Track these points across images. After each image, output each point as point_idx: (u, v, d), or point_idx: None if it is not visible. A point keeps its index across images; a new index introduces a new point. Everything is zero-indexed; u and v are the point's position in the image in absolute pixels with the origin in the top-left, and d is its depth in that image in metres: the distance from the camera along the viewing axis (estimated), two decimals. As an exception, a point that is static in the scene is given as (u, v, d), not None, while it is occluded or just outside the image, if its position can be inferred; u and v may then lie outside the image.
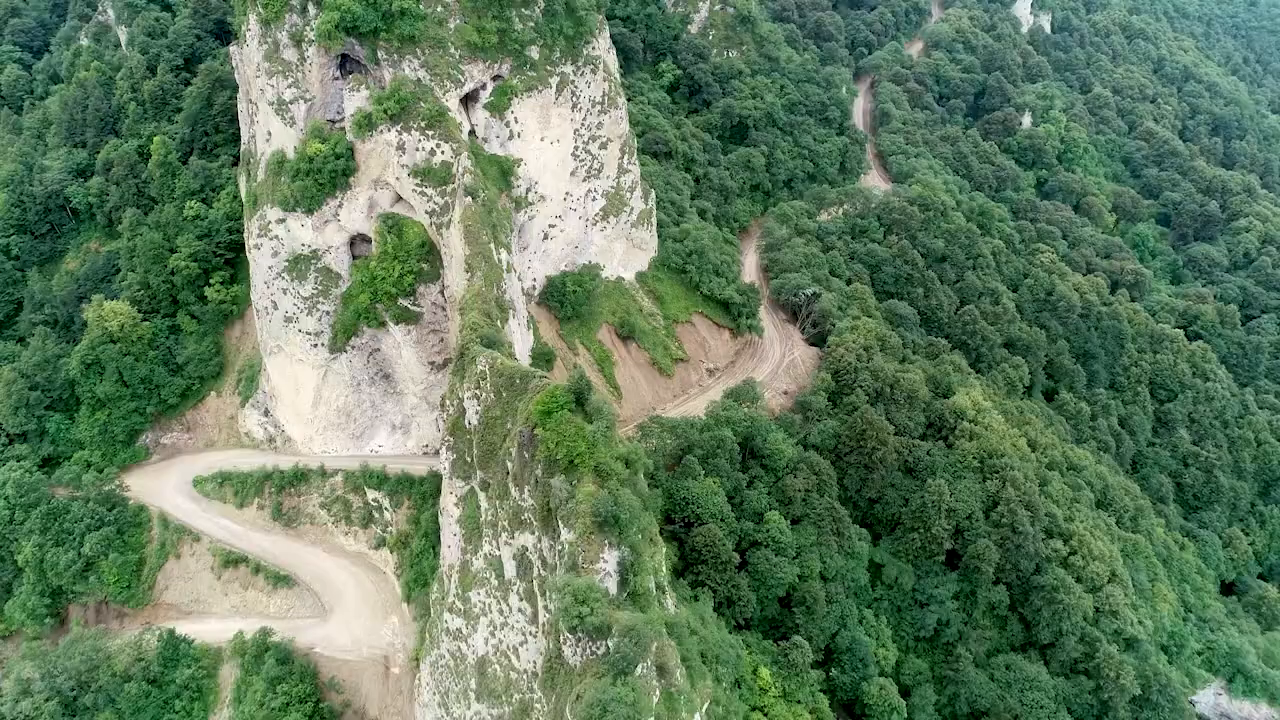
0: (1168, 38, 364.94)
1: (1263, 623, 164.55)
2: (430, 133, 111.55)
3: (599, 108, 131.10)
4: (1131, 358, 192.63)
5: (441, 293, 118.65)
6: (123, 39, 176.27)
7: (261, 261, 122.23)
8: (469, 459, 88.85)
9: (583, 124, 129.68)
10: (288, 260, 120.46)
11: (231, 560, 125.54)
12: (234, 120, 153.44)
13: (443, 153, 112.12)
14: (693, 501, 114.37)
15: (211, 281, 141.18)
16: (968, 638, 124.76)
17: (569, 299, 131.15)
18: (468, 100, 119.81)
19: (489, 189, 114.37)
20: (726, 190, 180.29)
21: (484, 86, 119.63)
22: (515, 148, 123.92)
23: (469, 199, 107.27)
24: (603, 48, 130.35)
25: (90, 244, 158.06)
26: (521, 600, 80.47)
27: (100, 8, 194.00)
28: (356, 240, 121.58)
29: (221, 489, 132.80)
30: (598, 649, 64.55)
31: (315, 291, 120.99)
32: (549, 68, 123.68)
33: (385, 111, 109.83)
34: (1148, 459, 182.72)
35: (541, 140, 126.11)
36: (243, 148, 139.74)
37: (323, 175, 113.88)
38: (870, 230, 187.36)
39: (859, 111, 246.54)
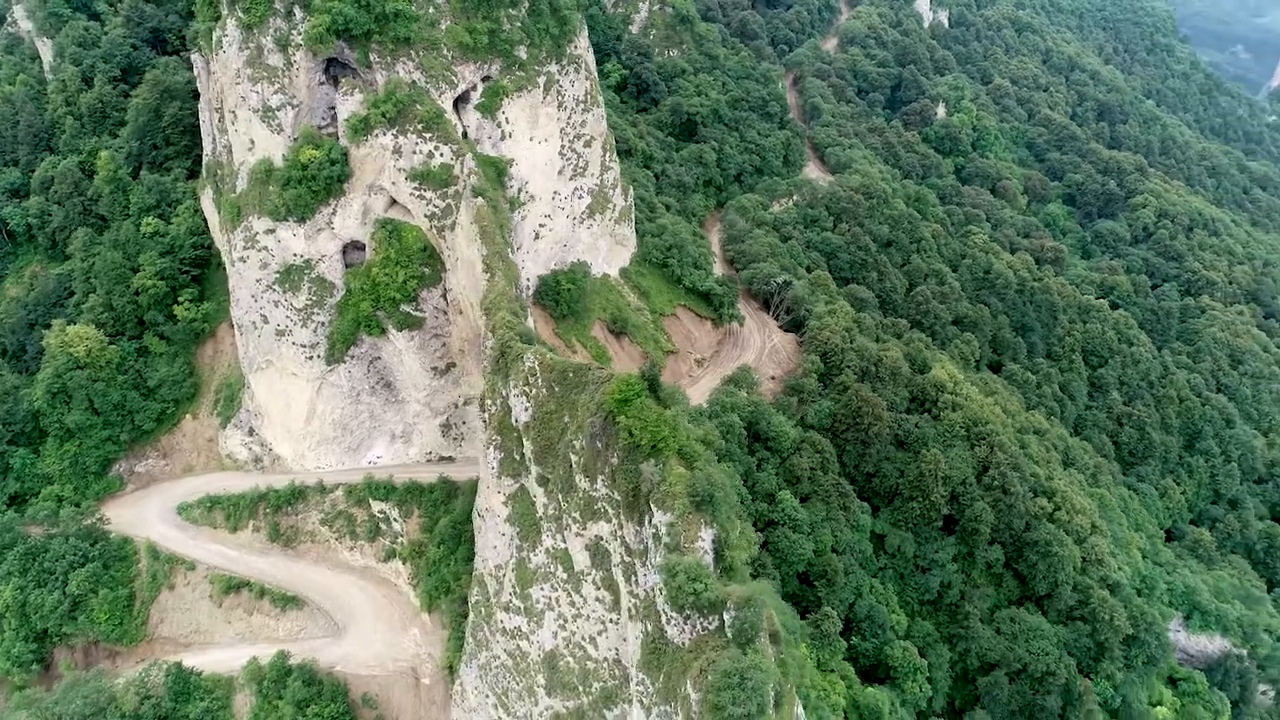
0: (1051, 31, 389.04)
1: (1203, 564, 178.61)
2: (428, 135, 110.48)
3: (582, 106, 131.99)
4: (1064, 328, 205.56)
5: (444, 296, 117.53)
6: (45, 51, 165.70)
7: (248, 275, 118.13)
8: (518, 456, 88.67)
9: (568, 122, 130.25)
10: (278, 272, 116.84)
11: (232, 586, 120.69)
12: (185, 132, 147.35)
13: (441, 155, 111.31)
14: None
15: (180, 300, 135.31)
16: (970, 597, 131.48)
17: (564, 297, 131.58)
18: (458, 102, 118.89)
19: (491, 190, 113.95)
20: (684, 186, 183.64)
21: (474, 88, 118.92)
22: (507, 148, 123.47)
23: (479, 200, 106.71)
24: (583, 46, 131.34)
25: (32, 267, 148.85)
26: (599, 589, 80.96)
27: (10, 19, 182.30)
28: (348, 248, 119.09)
29: (210, 514, 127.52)
30: (709, 624, 65.93)
31: (309, 302, 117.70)
32: (536, 67, 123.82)
33: (383, 115, 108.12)
34: (1087, 421, 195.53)
35: (531, 140, 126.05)
36: (205, 159, 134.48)
37: (317, 182, 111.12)
38: (821, 219, 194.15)
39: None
